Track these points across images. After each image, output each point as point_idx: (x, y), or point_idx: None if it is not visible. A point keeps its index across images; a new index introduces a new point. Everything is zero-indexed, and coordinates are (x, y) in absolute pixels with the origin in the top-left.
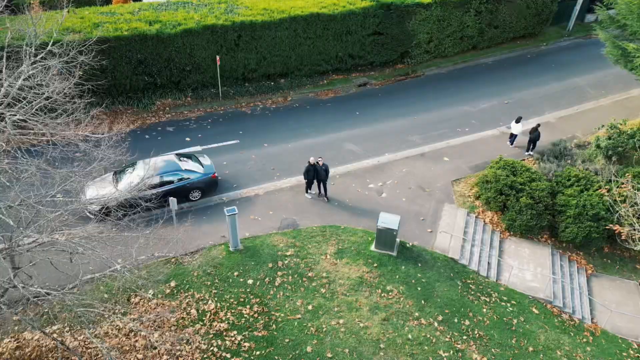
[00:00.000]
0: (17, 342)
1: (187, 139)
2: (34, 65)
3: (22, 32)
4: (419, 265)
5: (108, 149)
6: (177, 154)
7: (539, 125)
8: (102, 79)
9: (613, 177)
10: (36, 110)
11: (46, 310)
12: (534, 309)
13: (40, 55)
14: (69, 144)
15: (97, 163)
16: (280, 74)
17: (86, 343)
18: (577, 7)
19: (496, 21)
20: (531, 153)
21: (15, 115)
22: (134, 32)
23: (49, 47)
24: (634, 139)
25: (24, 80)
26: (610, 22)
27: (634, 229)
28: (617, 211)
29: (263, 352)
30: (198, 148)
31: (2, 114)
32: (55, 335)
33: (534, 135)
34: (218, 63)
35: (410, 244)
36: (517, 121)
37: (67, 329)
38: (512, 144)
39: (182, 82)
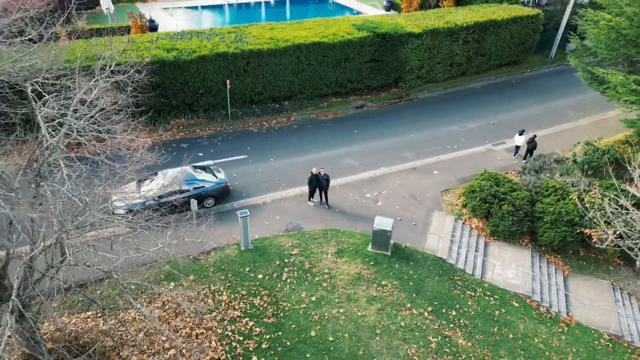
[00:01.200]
0: (56, 326)
1: (200, 154)
2: (103, 81)
3: (91, 53)
4: (411, 263)
5: (146, 153)
6: (192, 166)
7: (535, 136)
8: (149, 92)
9: (584, 187)
10: (96, 118)
11: (84, 296)
12: (514, 303)
13: (106, 73)
14: (120, 148)
15: (138, 164)
16: (284, 97)
17: (117, 326)
18: (558, 37)
19: (483, 50)
20: (529, 160)
21: (80, 121)
22: (153, 58)
23: (112, 67)
24: (607, 155)
25: (85, 94)
26: (584, 50)
27: (603, 231)
28: (589, 216)
29: (272, 335)
30: (210, 162)
31: (71, 122)
32: (89, 319)
33: (531, 145)
34: (228, 87)
35: (403, 245)
36: (520, 134)
37: (100, 314)
38: (515, 154)
39: (195, 104)
